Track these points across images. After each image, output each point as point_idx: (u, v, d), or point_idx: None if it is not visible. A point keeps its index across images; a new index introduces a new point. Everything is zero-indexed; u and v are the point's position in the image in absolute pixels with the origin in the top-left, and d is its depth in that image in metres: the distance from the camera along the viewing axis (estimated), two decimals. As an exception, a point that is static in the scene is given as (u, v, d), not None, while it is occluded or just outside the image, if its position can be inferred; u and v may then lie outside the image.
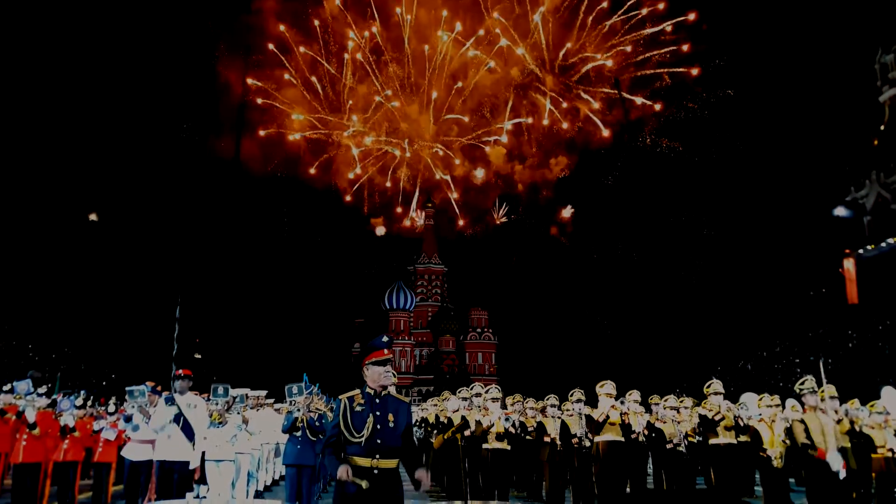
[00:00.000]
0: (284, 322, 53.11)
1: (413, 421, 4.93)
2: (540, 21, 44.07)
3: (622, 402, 10.79)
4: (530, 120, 47.06)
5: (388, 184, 49.50)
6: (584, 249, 51.03)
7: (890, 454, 10.19)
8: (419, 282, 64.74)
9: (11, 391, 10.39)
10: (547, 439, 11.45)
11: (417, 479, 4.51)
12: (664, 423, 11.49)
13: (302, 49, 46.39)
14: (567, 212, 48.22)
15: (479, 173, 47.45)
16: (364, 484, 4.35)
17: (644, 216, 48.89)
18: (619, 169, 47.72)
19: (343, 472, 4.38)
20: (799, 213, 42.08)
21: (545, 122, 46.73)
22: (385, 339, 4.83)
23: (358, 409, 4.63)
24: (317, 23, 45.91)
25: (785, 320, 37.69)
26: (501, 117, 47.02)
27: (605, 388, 10.52)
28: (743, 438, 10.87)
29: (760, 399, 11.53)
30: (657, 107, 45.26)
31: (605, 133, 46.17)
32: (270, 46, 45.66)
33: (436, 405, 17.35)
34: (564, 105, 46.54)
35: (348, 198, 51.11)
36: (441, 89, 46.12)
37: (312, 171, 46.58)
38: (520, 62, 46.08)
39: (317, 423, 9.32)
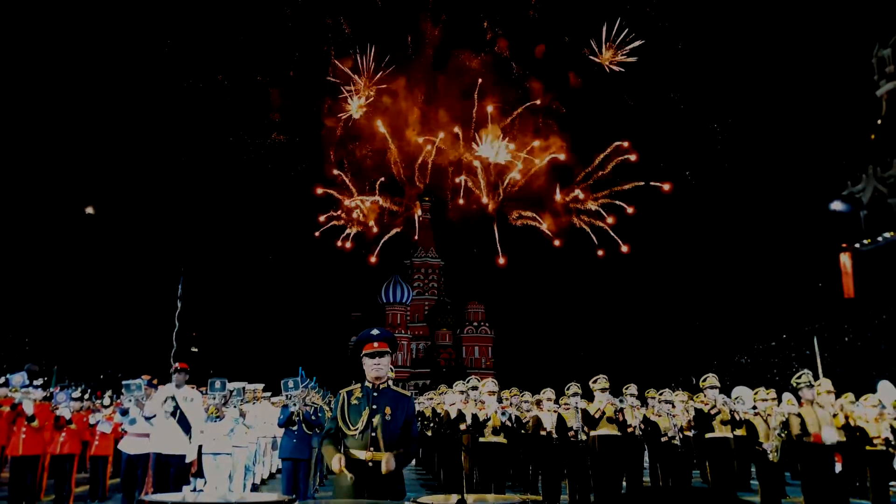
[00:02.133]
0: (281, 316, 53.15)
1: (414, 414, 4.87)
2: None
3: (621, 401, 10.82)
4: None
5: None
6: (580, 245, 50.98)
7: (884, 447, 10.22)
8: (416, 276, 64.77)
9: (6, 384, 10.37)
10: (543, 433, 11.47)
11: (385, 463, 4.40)
12: (660, 416, 11.52)
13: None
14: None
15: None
16: (350, 477, 4.34)
17: (641, 211, 48.84)
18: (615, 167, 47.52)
19: (336, 462, 4.40)
20: (796, 207, 42.13)
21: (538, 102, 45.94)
22: (375, 331, 4.79)
23: (355, 402, 4.64)
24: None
25: (782, 314, 37.77)
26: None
27: (599, 384, 10.55)
28: (739, 432, 10.90)
29: (756, 393, 11.56)
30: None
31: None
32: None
33: (432, 399, 17.38)
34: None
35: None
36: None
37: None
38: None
39: (313, 417, 9.33)
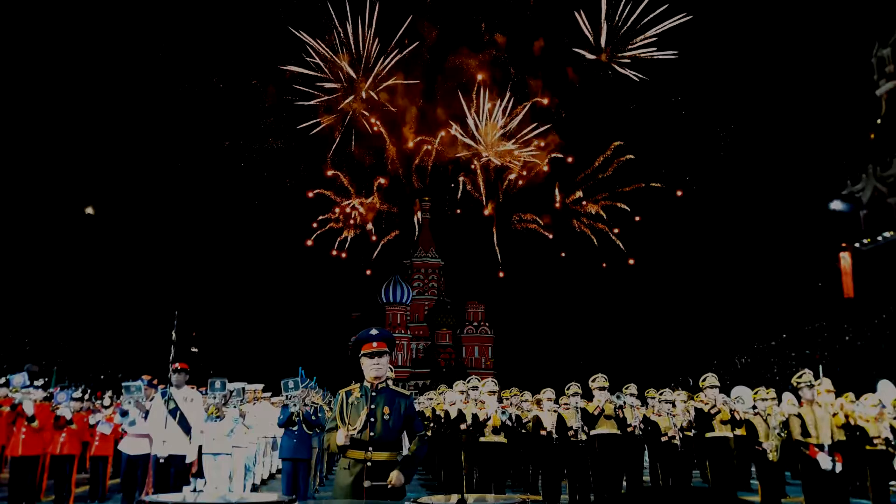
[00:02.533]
0: (281, 316, 53.15)
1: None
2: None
3: (618, 397, 10.82)
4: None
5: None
6: (579, 245, 50.97)
7: (884, 447, 10.22)
8: (416, 276, 64.76)
9: (7, 384, 10.36)
10: (543, 433, 11.48)
11: (389, 479, 4.44)
12: (660, 416, 11.52)
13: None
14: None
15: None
16: (367, 483, 4.37)
17: (640, 212, 48.87)
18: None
19: (341, 436, 4.44)
20: (796, 206, 42.14)
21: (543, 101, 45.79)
22: (374, 331, 4.82)
23: (354, 402, 4.66)
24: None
25: (782, 314, 37.78)
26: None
27: (597, 382, 10.55)
28: (739, 432, 10.90)
29: (756, 392, 11.56)
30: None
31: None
32: None
33: (431, 399, 17.38)
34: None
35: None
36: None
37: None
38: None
39: (313, 417, 9.33)
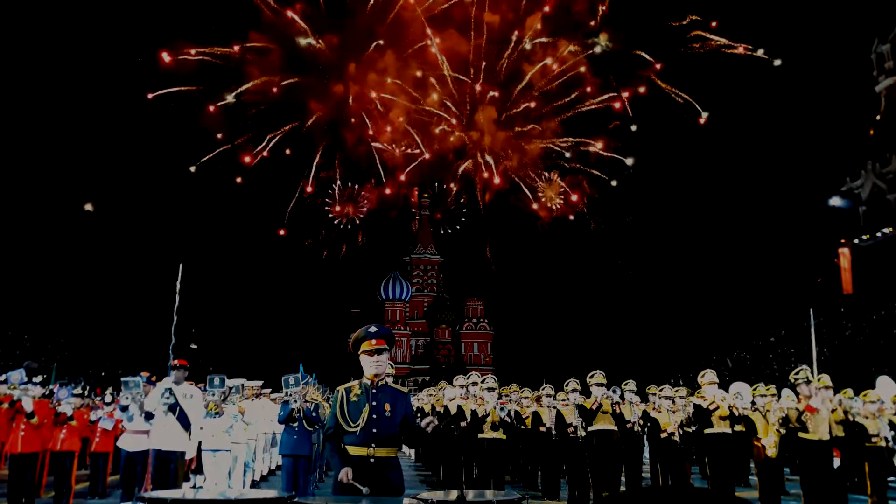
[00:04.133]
0: (280, 313, 53.17)
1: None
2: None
3: (615, 391, 10.81)
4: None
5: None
6: (579, 242, 50.99)
7: (883, 443, 10.24)
8: (415, 272, 64.71)
9: (5, 381, 10.34)
10: (542, 429, 11.48)
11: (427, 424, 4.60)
12: (659, 412, 11.53)
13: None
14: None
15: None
16: (365, 490, 4.35)
17: (639, 207, 48.91)
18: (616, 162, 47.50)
19: (343, 475, 4.42)
20: (795, 202, 42.15)
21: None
22: (373, 328, 4.82)
23: (354, 399, 4.65)
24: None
25: (780, 310, 37.80)
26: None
27: (595, 379, 10.55)
28: (738, 428, 10.91)
29: (755, 389, 11.57)
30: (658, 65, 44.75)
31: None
32: None
33: (431, 395, 17.39)
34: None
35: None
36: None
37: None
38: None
39: (313, 414, 9.35)
